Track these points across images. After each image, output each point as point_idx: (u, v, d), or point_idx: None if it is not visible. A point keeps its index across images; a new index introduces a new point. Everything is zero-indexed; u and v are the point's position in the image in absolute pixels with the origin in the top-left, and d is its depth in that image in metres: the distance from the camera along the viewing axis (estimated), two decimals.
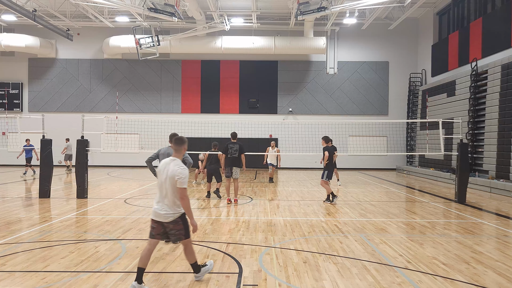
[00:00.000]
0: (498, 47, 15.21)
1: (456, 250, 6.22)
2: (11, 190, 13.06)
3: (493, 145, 14.63)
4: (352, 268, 5.32)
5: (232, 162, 10.40)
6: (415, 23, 23.23)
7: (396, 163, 23.39)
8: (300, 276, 5.01)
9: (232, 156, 10.37)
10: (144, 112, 23.72)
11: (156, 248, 6.16)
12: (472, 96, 16.15)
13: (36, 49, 22.66)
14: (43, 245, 6.28)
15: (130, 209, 9.53)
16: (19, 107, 23.70)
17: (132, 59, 23.07)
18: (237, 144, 10.42)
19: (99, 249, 6.09)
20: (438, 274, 5.10)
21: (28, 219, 8.33)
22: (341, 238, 6.95)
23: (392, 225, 8.07)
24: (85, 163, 11.08)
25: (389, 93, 23.68)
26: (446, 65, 19.63)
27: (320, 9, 15.44)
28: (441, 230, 7.69)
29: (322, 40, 21.79)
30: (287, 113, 23.59)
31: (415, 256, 5.89)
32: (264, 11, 20.93)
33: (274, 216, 8.92)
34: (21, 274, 4.97)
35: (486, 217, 9.12)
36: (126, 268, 5.24)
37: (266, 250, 6.16)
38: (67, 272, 5.03)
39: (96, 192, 12.54)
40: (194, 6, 17.92)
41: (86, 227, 7.65)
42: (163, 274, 5.04)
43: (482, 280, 4.94)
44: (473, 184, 14.31)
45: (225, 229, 7.59)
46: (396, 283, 4.77)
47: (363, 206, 10.41)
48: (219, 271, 5.17)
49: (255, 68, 23.67)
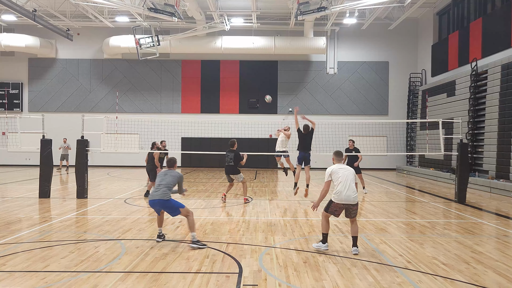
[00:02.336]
0: (498, 47, 15.21)
1: (456, 250, 6.21)
2: (11, 190, 13.06)
3: (493, 145, 14.63)
4: (352, 268, 5.32)
5: (228, 170, 10.45)
6: (415, 23, 23.24)
7: (396, 163, 23.39)
8: (300, 276, 5.01)
9: (228, 164, 10.36)
10: (144, 112, 23.72)
11: (156, 247, 6.18)
12: (472, 96, 16.15)
13: (36, 49, 22.67)
14: (43, 245, 6.27)
15: (130, 209, 9.53)
16: (19, 107, 23.70)
17: (132, 59, 23.07)
18: (233, 152, 10.30)
19: (99, 249, 6.08)
20: (438, 274, 5.09)
21: (28, 219, 8.32)
22: (341, 238, 6.95)
23: (392, 225, 8.07)
24: (85, 163, 11.08)
25: (389, 93, 23.69)
26: (446, 65, 19.63)
27: (320, 9, 15.44)
28: (441, 230, 7.68)
29: (322, 40, 21.79)
30: (287, 113, 23.57)
31: (415, 256, 5.88)
32: (264, 11, 20.92)
33: (274, 216, 8.92)
34: (21, 274, 4.97)
35: (486, 217, 9.11)
36: (126, 268, 5.23)
37: (266, 250, 6.16)
38: (67, 272, 5.02)
39: (96, 192, 12.54)
40: (194, 6, 17.92)
41: (86, 227, 7.65)
42: (163, 274, 5.04)
43: (482, 280, 4.93)
44: (473, 184, 14.30)
45: (225, 229, 7.59)
46: (396, 283, 4.76)
47: (363, 206, 10.40)
48: (219, 271, 5.17)
49: (255, 68, 23.67)
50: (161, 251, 5.99)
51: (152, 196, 6.33)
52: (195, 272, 5.10)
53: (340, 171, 5.95)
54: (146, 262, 5.48)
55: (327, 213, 5.99)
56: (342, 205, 5.84)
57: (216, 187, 14.11)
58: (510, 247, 6.48)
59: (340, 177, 5.87)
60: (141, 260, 5.56)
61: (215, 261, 5.54)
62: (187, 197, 11.92)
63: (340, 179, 5.86)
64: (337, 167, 6.04)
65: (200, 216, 8.80)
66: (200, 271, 5.13)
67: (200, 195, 12.20)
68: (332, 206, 5.91)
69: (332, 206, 5.91)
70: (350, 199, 5.80)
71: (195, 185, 14.98)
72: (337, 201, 5.85)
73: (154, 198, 6.29)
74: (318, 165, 21.74)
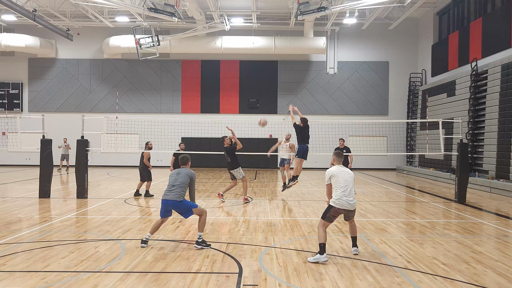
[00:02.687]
0: (498, 47, 15.20)
1: (456, 250, 6.21)
2: (11, 190, 13.06)
3: (493, 145, 14.62)
4: (352, 268, 5.32)
5: (227, 167, 10.74)
6: (415, 23, 23.24)
7: (396, 163, 23.39)
8: (300, 276, 5.01)
9: (227, 162, 10.64)
10: (144, 112, 23.72)
11: (156, 248, 6.18)
12: (472, 96, 16.14)
13: (36, 49, 22.66)
14: (43, 245, 6.27)
15: (130, 209, 9.53)
16: (19, 107, 23.70)
17: (132, 59, 23.07)
18: (226, 148, 10.52)
19: (99, 249, 6.08)
20: (438, 274, 5.09)
21: (28, 219, 8.32)
22: (341, 238, 6.94)
23: (392, 225, 8.07)
24: (85, 163, 11.07)
25: (389, 93, 23.68)
26: (446, 65, 19.63)
27: (320, 9, 15.44)
28: (441, 230, 7.68)
29: (322, 40, 21.79)
30: (287, 113, 23.54)
31: (415, 256, 5.88)
32: (264, 11, 20.92)
33: (274, 216, 8.92)
34: (21, 274, 4.96)
35: (486, 217, 9.11)
36: (126, 268, 5.23)
37: (266, 250, 6.16)
38: (67, 272, 5.02)
39: (96, 192, 12.54)
40: (194, 6, 17.92)
41: (86, 227, 7.65)
42: (163, 274, 5.04)
43: (482, 280, 4.93)
44: (473, 184, 14.29)
45: (225, 229, 7.59)
46: (396, 283, 4.76)
47: (363, 206, 10.40)
48: (219, 271, 5.16)
49: (255, 68, 23.67)
50: (161, 251, 5.99)
51: (166, 196, 6.25)
52: (195, 272, 5.10)
53: (340, 175, 5.75)
54: (146, 262, 5.48)
55: (325, 220, 5.72)
56: (342, 210, 5.71)
57: (216, 187, 14.11)
58: (510, 247, 6.48)
59: (341, 182, 5.70)
60: (141, 260, 5.56)
61: (215, 261, 5.54)
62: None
63: (341, 183, 5.69)
64: (337, 170, 5.83)
65: None
66: (200, 271, 5.13)
67: (200, 195, 12.20)
68: (332, 212, 5.72)
69: (332, 212, 5.72)
70: (350, 205, 5.68)
71: None
72: (338, 207, 5.67)
73: (168, 199, 6.21)
74: (318, 165, 21.78)
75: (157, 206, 9.98)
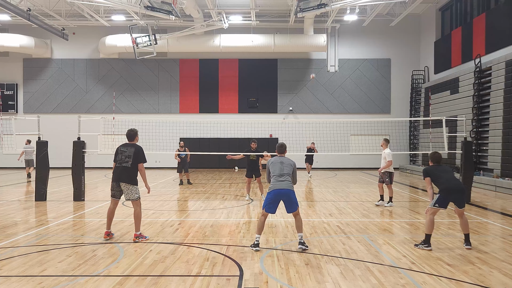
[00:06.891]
0: (502, 43, 15.04)
1: (461, 250, 6.10)
2: (7, 193, 12.91)
3: (498, 143, 14.46)
4: (355, 269, 5.22)
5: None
6: (417, 20, 23.04)
7: (399, 162, 23.16)
8: (302, 278, 4.91)
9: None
10: (141, 113, 23.55)
11: (155, 250, 6.04)
12: (476, 93, 15.98)
13: (31, 49, 22.47)
14: (40, 249, 6.16)
15: (127, 212, 9.37)
16: (14, 108, 23.50)
17: (129, 59, 22.86)
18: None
19: (97, 252, 5.98)
20: (442, 275, 5.00)
21: (24, 222, 8.21)
22: (344, 239, 6.82)
23: (396, 226, 7.95)
24: (82, 165, 10.94)
25: (391, 91, 23.51)
26: (449, 62, 19.46)
27: (320, 6, 15.26)
28: (446, 230, 7.56)
29: (323, 37, 21.62)
30: (288, 112, 23.43)
31: (419, 257, 5.78)
32: (263, 8, 20.75)
33: (275, 217, 8.77)
34: (18, 278, 4.87)
35: (491, 216, 8.99)
36: (124, 271, 5.13)
37: (267, 252, 6.04)
38: (65, 276, 4.94)
39: (93, 195, 12.43)
40: (191, 4, 17.75)
41: (84, 230, 7.52)
42: (162, 277, 4.91)
43: (487, 281, 4.84)
44: (478, 183, 14.17)
45: (225, 231, 7.46)
46: (400, 285, 4.67)
47: (365, 206, 10.30)
48: (220, 274, 5.06)
49: (254, 66, 23.50)
50: (160, 254, 5.88)
51: (280, 185, 6.01)
52: (195, 275, 4.99)
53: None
54: (145, 265, 5.37)
55: None
56: None
57: (216, 188, 14.00)
58: None
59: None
60: (139, 263, 5.45)
61: (215, 264, 5.43)
62: (186, 199, 11.79)
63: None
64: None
65: (199, 218, 8.69)
66: (200, 274, 5.03)
67: (199, 196, 12.06)
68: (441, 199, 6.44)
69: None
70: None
71: (194, 186, 14.87)
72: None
73: (283, 188, 6.01)
74: (319, 165, 21.64)
75: (154, 208, 9.86)
